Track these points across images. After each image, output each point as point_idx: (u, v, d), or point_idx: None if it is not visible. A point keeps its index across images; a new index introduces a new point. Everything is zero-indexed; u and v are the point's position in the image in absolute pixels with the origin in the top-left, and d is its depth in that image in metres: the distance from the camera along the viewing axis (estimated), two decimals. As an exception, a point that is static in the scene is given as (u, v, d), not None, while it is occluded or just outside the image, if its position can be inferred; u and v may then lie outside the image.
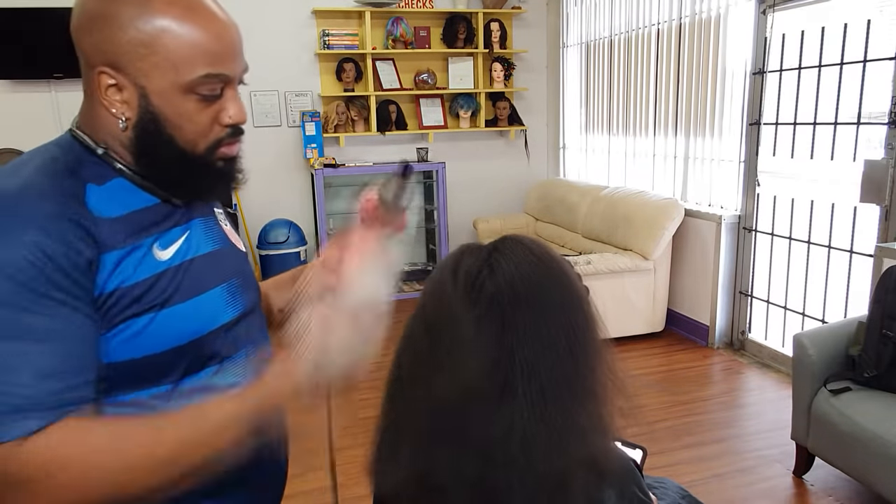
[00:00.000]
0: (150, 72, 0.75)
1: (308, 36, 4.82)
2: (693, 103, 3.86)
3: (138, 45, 0.74)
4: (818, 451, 2.37)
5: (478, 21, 5.01)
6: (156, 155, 0.79)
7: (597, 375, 0.75)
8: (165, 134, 0.78)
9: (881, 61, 2.82)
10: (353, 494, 2.43)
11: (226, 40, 0.79)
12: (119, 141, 0.80)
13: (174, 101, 0.77)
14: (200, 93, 0.77)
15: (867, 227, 2.99)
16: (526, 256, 0.76)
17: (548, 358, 0.72)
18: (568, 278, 0.78)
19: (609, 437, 0.76)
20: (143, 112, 0.77)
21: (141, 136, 0.78)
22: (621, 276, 3.82)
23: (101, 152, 0.80)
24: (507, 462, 0.70)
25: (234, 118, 0.81)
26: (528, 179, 5.52)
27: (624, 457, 0.84)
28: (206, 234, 0.89)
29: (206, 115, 0.80)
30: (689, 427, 2.87)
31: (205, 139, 0.81)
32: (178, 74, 0.76)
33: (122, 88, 0.76)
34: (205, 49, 0.76)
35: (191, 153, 0.80)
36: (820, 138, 3.16)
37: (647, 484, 1.22)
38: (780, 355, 3.49)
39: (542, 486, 0.71)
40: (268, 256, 4.66)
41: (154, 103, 0.77)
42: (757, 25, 3.42)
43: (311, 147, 4.81)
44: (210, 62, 0.77)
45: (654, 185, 4.31)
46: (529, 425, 0.70)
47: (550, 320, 0.73)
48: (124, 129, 0.78)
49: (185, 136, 0.79)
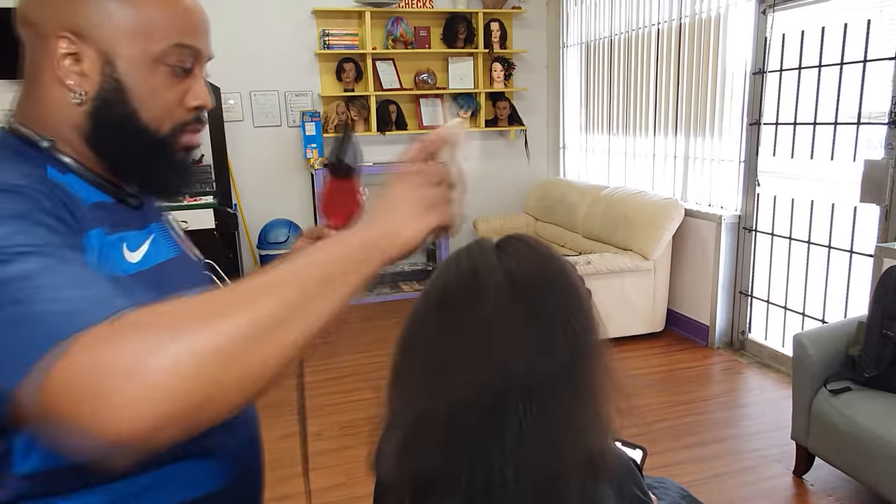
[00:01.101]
0: (118, 37, 0.69)
1: (308, 36, 4.82)
2: (693, 103, 3.86)
3: (107, 8, 0.68)
4: (818, 451, 2.37)
5: (478, 21, 5.01)
6: (115, 132, 0.72)
7: (596, 374, 0.76)
8: (129, 107, 0.71)
9: (881, 61, 2.82)
10: (353, 494, 2.43)
11: (196, 14, 0.74)
12: (71, 124, 0.71)
13: (143, 70, 0.70)
14: (171, 64, 0.71)
15: (867, 227, 2.99)
16: (529, 255, 0.77)
17: (546, 354, 0.72)
18: (569, 277, 0.78)
19: (607, 436, 0.77)
20: (107, 82, 0.69)
21: (100, 110, 0.70)
22: (621, 276, 3.82)
23: (46, 145, 0.70)
24: (504, 458, 0.71)
25: (201, 100, 0.75)
26: (528, 179, 5.52)
27: (623, 456, 0.84)
28: (166, 240, 0.83)
29: (174, 92, 0.73)
30: (689, 427, 2.87)
31: (170, 119, 0.74)
32: (149, 41, 0.70)
33: (82, 59, 0.69)
34: (178, 17, 0.72)
35: (154, 132, 0.73)
36: (820, 138, 3.16)
37: (647, 484, 1.22)
38: (780, 355, 3.49)
39: (538, 481, 0.71)
40: (268, 256, 4.66)
41: (120, 71, 0.69)
42: (757, 25, 3.42)
43: (311, 147, 4.81)
44: (183, 32, 0.72)
45: (654, 185, 4.31)
46: (527, 422, 0.71)
47: (550, 318, 0.74)
48: (80, 103, 0.70)
49: (151, 111, 0.72)
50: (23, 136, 0.71)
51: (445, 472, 0.72)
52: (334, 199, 0.98)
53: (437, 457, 0.73)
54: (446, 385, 0.73)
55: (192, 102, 0.75)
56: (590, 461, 0.74)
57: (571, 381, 0.73)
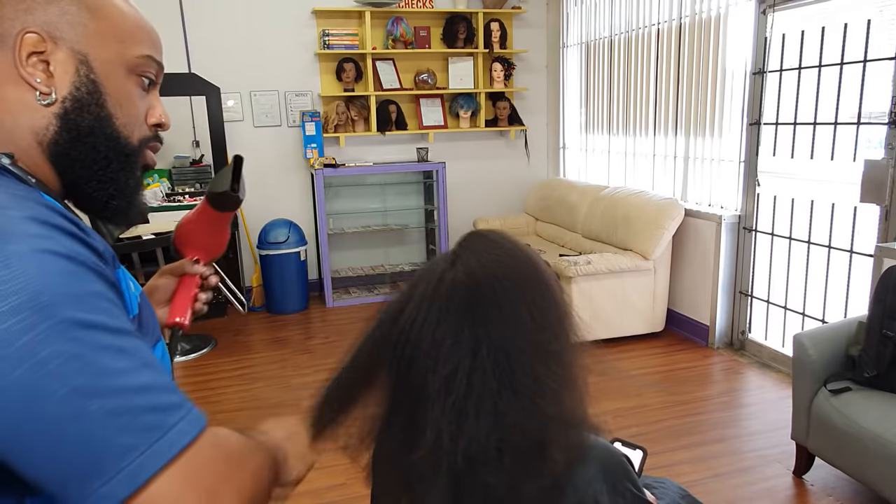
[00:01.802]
0: (94, 38, 0.66)
1: (308, 36, 4.82)
2: (693, 103, 3.86)
3: (82, 9, 0.66)
4: (818, 451, 2.37)
5: (478, 21, 5.01)
6: (86, 136, 0.67)
7: (565, 344, 0.80)
8: (105, 110, 0.67)
9: (881, 61, 2.82)
10: (353, 494, 2.43)
11: (157, 35, 0.75)
12: (32, 129, 0.65)
13: (118, 75, 0.68)
14: (141, 73, 0.70)
15: (867, 228, 2.99)
16: (488, 247, 0.82)
17: (518, 339, 0.76)
18: (532, 263, 0.83)
19: (585, 401, 0.80)
20: (82, 82, 0.66)
21: (73, 111, 0.66)
22: (621, 276, 3.82)
23: (6, 162, 0.62)
24: (485, 434, 0.74)
25: (161, 118, 0.74)
26: (528, 179, 5.52)
27: (615, 451, 0.86)
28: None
29: (141, 105, 0.72)
30: (689, 427, 2.87)
31: (139, 131, 0.71)
32: (123, 47, 0.68)
33: (51, 58, 0.64)
34: (146, 32, 0.72)
35: (125, 141, 0.70)
36: (820, 138, 3.16)
37: (647, 484, 1.22)
38: (780, 355, 3.49)
39: (519, 454, 0.75)
40: (268, 256, 4.66)
41: (97, 72, 0.66)
42: (757, 25, 3.42)
43: (311, 147, 4.81)
44: (150, 45, 0.72)
45: (654, 185, 4.31)
46: (503, 399, 0.75)
47: (516, 305, 0.78)
48: (48, 104, 0.64)
49: (123, 119, 0.69)
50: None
51: (432, 453, 0.75)
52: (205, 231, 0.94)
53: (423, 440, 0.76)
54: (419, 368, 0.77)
55: (153, 119, 0.73)
56: (573, 434, 0.78)
57: (544, 357, 0.77)
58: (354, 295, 5.01)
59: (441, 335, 0.76)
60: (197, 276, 0.95)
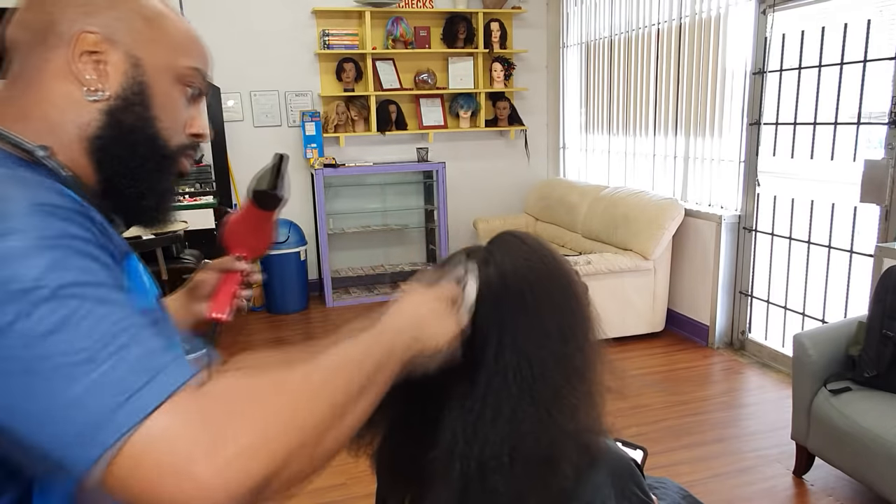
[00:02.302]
0: (148, 44, 0.70)
1: (308, 36, 4.82)
2: (693, 103, 3.86)
3: (139, 17, 0.70)
4: (818, 451, 2.37)
5: (478, 21, 5.01)
6: (129, 135, 0.69)
7: (590, 360, 0.79)
8: (150, 111, 0.70)
9: (881, 61, 2.82)
10: (353, 494, 2.43)
11: (207, 50, 0.78)
12: (76, 123, 0.67)
13: (165, 81, 0.71)
14: (188, 83, 0.73)
15: (867, 227, 2.99)
16: (520, 249, 0.80)
17: (541, 349, 0.75)
18: (561, 269, 0.81)
19: (601, 419, 0.79)
20: (132, 82, 0.68)
21: (119, 109, 0.68)
22: (621, 276, 3.82)
23: (41, 154, 0.64)
24: (500, 440, 0.73)
25: (201, 128, 0.76)
26: (528, 179, 5.52)
27: (623, 456, 0.85)
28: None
29: (184, 113, 0.75)
30: (689, 427, 2.87)
31: (178, 137, 0.74)
32: (174, 56, 0.72)
33: (104, 58, 0.67)
34: (197, 46, 0.76)
35: (164, 144, 0.72)
36: (820, 138, 3.16)
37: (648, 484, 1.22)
38: (780, 355, 3.49)
39: (532, 463, 0.73)
40: (268, 256, 4.66)
41: (147, 74, 0.69)
42: (757, 25, 3.42)
43: (311, 147, 4.81)
44: (199, 59, 0.75)
45: (654, 185, 4.31)
46: (521, 406, 0.73)
47: (542, 308, 0.77)
48: (96, 100, 0.67)
49: (165, 122, 0.71)
50: (11, 142, 0.64)
51: (444, 455, 0.74)
52: (249, 228, 0.95)
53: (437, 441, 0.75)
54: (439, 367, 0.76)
55: (193, 130, 0.76)
56: (583, 444, 0.76)
57: (564, 365, 0.76)
58: (354, 295, 5.01)
59: (464, 335, 0.75)
60: (239, 272, 0.95)
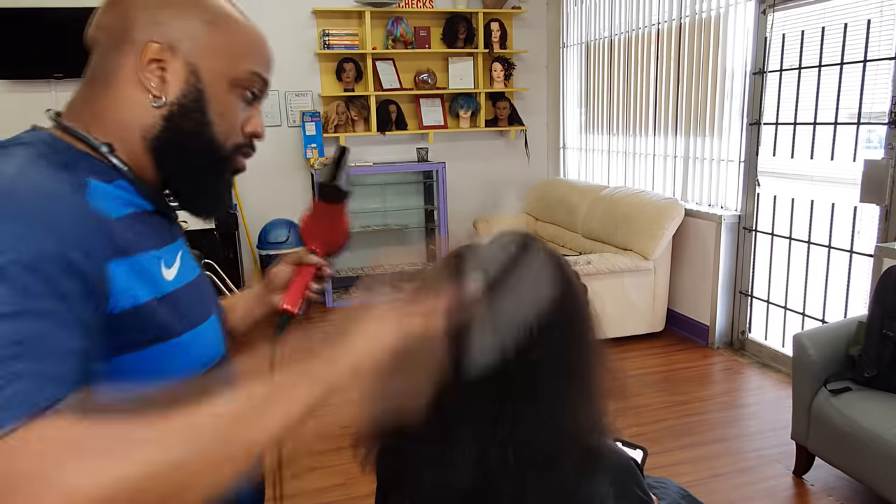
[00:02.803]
0: (207, 52, 0.74)
1: (308, 36, 4.82)
2: (693, 103, 3.86)
3: (203, 24, 0.74)
4: (818, 451, 2.37)
5: (478, 21, 5.01)
6: (186, 138, 0.75)
7: (590, 361, 0.79)
8: (206, 116, 0.75)
9: (881, 61, 2.82)
10: (353, 494, 2.43)
11: (271, 56, 0.83)
12: (140, 125, 0.73)
13: (222, 87, 0.76)
14: (244, 86, 0.78)
15: (867, 228, 2.99)
16: (521, 250, 0.79)
17: (541, 345, 0.75)
18: (560, 269, 0.80)
19: (603, 422, 0.78)
20: (190, 90, 0.74)
21: (177, 115, 0.74)
22: (621, 276, 3.82)
23: (105, 150, 0.72)
24: (500, 439, 0.73)
25: (257, 127, 0.81)
26: (528, 179, 5.52)
27: (624, 455, 0.85)
28: (190, 258, 0.84)
29: (241, 114, 0.79)
30: (689, 427, 2.87)
31: (233, 138, 0.79)
32: (232, 63, 0.76)
33: (167, 66, 0.73)
34: (260, 52, 0.80)
35: (219, 146, 0.77)
36: (820, 138, 3.16)
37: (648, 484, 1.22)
38: (780, 355, 3.49)
39: (536, 464, 0.73)
40: (268, 256, 4.66)
41: (204, 82, 0.74)
42: (757, 25, 3.42)
43: (311, 147, 4.81)
44: (259, 62, 0.79)
45: (654, 185, 4.31)
46: (521, 405, 0.73)
47: (545, 315, 0.76)
48: (158, 106, 0.73)
49: (221, 126, 0.77)
50: (78, 137, 0.71)
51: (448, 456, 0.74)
52: (319, 222, 0.97)
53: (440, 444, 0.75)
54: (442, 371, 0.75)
55: (250, 129, 0.80)
56: (586, 447, 0.76)
57: (567, 368, 0.76)
58: (354, 295, 5.01)
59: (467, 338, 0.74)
60: (312, 265, 0.97)
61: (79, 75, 0.79)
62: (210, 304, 0.83)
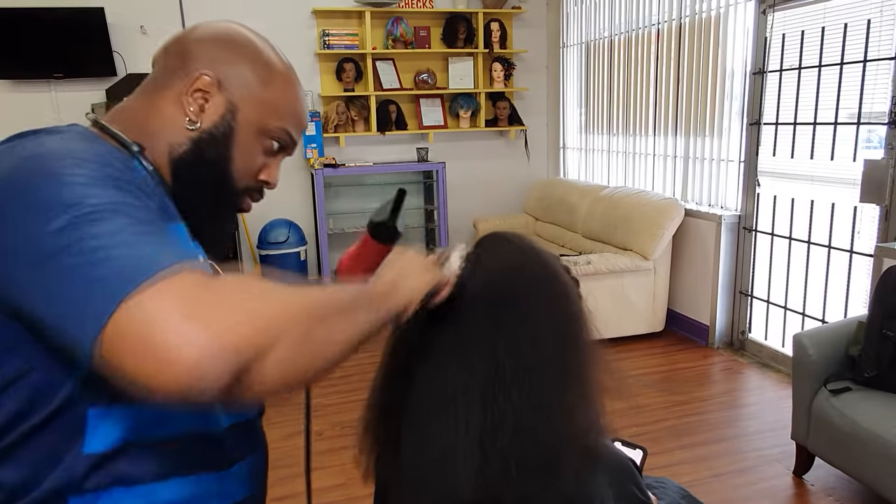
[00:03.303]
0: (250, 100, 0.82)
1: (308, 36, 4.82)
2: (693, 103, 3.86)
3: (256, 77, 0.82)
4: (818, 451, 2.37)
5: (478, 21, 5.01)
6: (204, 166, 0.81)
7: (584, 360, 0.78)
8: (228, 151, 0.82)
9: (881, 61, 2.82)
10: (353, 494, 2.43)
11: (306, 115, 0.90)
12: (170, 140, 0.80)
13: (252, 132, 0.82)
14: (272, 138, 0.84)
15: (867, 228, 2.99)
16: (508, 251, 0.79)
17: (535, 347, 0.74)
18: (550, 268, 0.79)
19: (600, 420, 0.78)
20: (223, 125, 0.81)
21: (204, 141, 0.80)
22: (621, 276, 3.82)
23: (135, 149, 0.78)
24: (501, 448, 0.72)
25: (271, 178, 0.87)
26: (528, 179, 5.52)
27: (621, 456, 0.85)
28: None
29: (258, 161, 0.85)
30: (689, 427, 2.87)
31: (246, 179, 0.85)
32: (268, 116, 0.83)
33: (210, 99, 0.80)
34: (296, 114, 0.86)
35: (232, 181, 0.83)
36: (820, 138, 3.16)
37: (647, 484, 1.22)
38: (780, 355, 3.49)
39: (532, 469, 0.72)
40: (268, 256, 4.66)
41: (238, 122, 0.81)
42: (757, 25, 3.42)
43: (311, 147, 4.81)
44: (293, 124, 0.86)
45: (654, 185, 4.31)
46: (520, 411, 0.72)
47: (535, 311, 0.76)
48: (191, 130, 0.80)
49: (239, 164, 0.83)
50: (111, 135, 0.78)
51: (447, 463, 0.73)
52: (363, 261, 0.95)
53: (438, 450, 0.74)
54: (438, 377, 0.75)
55: (264, 177, 0.87)
56: (584, 444, 0.75)
57: (561, 368, 0.75)
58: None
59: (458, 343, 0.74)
60: None
61: (79, 75, 0.80)
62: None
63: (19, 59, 4.21)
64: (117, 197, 0.63)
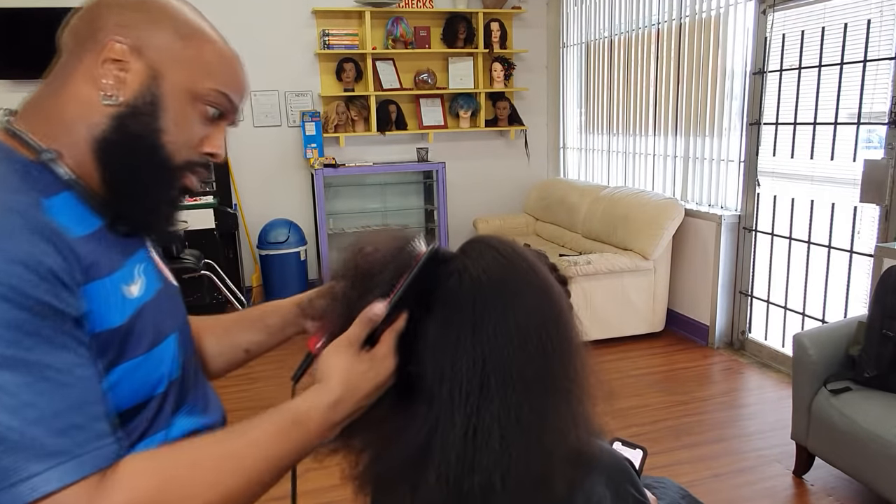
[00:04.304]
0: (173, 62, 0.72)
1: (308, 36, 4.82)
2: (693, 103, 3.86)
3: (176, 35, 0.73)
4: (818, 451, 2.37)
5: (478, 21, 5.01)
6: (132, 143, 0.71)
7: (572, 372, 0.76)
8: (156, 123, 0.72)
9: (881, 61, 2.82)
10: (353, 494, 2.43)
11: (242, 76, 0.80)
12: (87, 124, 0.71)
13: (182, 98, 0.73)
14: (207, 102, 0.75)
15: (867, 228, 2.99)
16: (493, 257, 0.77)
17: (520, 357, 0.72)
18: (537, 276, 0.78)
19: (591, 432, 0.76)
20: (146, 94, 0.71)
21: (127, 116, 0.71)
22: (621, 276, 3.82)
23: (47, 157, 0.69)
24: (488, 463, 0.71)
25: (215, 148, 0.78)
26: (528, 179, 5.52)
27: (618, 456, 0.84)
28: (153, 268, 0.81)
29: (198, 131, 0.76)
30: (689, 427, 2.87)
31: (185, 153, 0.75)
32: (197, 77, 0.74)
33: (128, 68, 0.71)
34: (230, 72, 0.77)
35: (166, 157, 0.74)
36: (820, 138, 3.16)
37: (647, 484, 1.22)
38: (780, 355, 3.49)
39: (523, 484, 0.71)
40: (268, 256, 4.66)
41: (162, 90, 0.72)
42: (757, 25, 3.42)
43: (311, 147, 4.81)
44: (227, 83, 0.77)
45: (654, 185, 4.31)
46: (506, 425, 0.71)
47: (521, 319, 0.74)
48: (109, 105, 0.70)
49: (172, 136, 0.73)
50: (22, 142, 0.70)
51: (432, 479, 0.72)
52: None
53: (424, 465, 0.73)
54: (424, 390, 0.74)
55: (207, 148, 0.77)
56: (573, 459, 0.74)
57: (547, 380, 0.73)
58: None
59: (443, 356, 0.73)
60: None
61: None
62: (169, 324, 0.79)
63: (19, 59, 4.21)
64: (6, 334, 0.55)
